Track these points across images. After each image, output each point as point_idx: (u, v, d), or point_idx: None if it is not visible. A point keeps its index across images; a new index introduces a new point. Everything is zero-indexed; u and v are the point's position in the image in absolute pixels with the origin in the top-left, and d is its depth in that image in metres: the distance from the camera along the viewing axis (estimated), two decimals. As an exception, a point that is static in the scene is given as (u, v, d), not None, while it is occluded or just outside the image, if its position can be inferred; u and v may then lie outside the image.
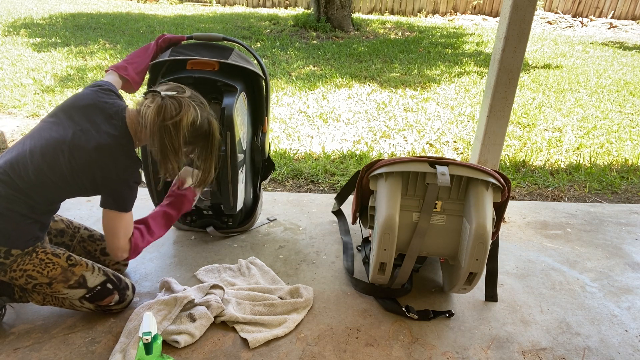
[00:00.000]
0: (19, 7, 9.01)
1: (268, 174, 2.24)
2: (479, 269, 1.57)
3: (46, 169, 1.39)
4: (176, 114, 1.42)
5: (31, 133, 1.45)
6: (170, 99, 1.44)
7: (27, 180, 1.38)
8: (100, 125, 1.43)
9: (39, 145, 1.41)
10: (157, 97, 1.44)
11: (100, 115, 1.45)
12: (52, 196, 1.44)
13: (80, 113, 1.44)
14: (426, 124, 3.95)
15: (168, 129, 1.42)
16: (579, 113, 4.43)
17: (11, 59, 5.29)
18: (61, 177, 1.40)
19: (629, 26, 10.39)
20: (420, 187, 1.64)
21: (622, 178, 3.14)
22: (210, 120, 1.55)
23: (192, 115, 1.46)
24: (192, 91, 1.53)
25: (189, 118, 1.45)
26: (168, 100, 1.43)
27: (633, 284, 1.99)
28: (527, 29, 2.00)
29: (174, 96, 1.45)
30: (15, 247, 1.41)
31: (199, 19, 8.47)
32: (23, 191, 1.39)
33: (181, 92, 1.48)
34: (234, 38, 2.02)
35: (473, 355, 1.57)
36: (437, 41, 7.54)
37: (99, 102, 1.48)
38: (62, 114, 1.45)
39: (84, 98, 1.48)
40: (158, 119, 1.41)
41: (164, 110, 1.42)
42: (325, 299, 1.80)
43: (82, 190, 1.46)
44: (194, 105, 1.48)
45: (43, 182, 1.39)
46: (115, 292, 1.60)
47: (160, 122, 1.42)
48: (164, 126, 1.42)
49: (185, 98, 1.47)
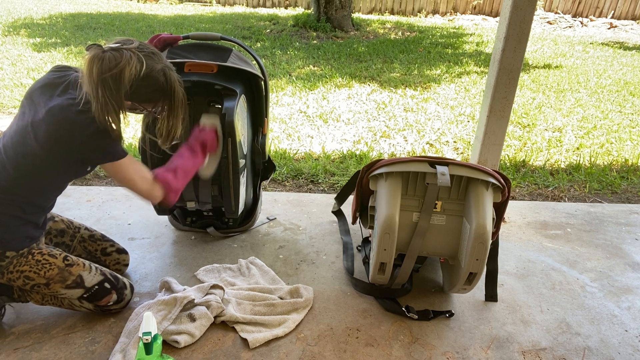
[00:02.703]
0: (19, 7, 9.00)
1: (269, 175, 2.24)
2: (479, 269, 1.57)
3: (20, 159, 1.37)
4: (115, 65, 1.31)
5: (3, 133, 1.44)
6: (112, 50, 1.33)
7: (8, 177, 1.37)
8: (55, 97, 1.38)
9: (9, 140, 1.40)
10: (97, 49, 1.33)
11: (55, 90, 1.40)
12: (40, 185, 1.42)
13: (38, 93, 1.41)
14: (426, 124, 3.95)
15: (107, 83, 1.31)
16: (579, 113, 4.43)
17: (11, 59, 5.29)
18: (34, 157, 1.36)
19: (629, 26, 10.39)
20: (420, 187, 1.64)
21: (622, 178, 3.14)
22: (166, 72, 1.43)
23: (136, 66, 1.34)
24: (141, 42, 1.43)
25: (131, 69, 1.33)
26: (108, 52, 1.32)
27: (633, 284, 1.99)
28: (527, 29, 2.00)
29: (116, 48, 1.34)
30: (9, 249, 1.41)
31: (199, 19, 8.47)
32: (7, 190, 1.38)
33: (127, 43, 1.37)
34: (232, 38, 2.00)
35: (473, 355, 1.57)
36: (437, 41, 7.54)
37: (53, 79, 1.43)
38: (25, 103, 1.43)
39: (40, 80, 1.44)
40: (94, 71, 1.30)
41: (101, 62, 1.30)
42: (325, 299, 1.80)
43: (63, 166, 1.41)
44: (140, 56, 1.35)
45: (23, 173, 1.38)
46: (113, 292, 1.60)
47: (97, 75, 1.30)
48: (102, 79, 1.31)
49: (129, 49, 1.35)
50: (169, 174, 1.53)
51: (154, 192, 1.49)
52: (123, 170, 1.42)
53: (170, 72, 1.45)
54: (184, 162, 1.60)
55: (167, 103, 1.49)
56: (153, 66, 1.39)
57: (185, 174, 1.58)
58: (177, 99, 1.49)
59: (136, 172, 1.45)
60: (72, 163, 1.42)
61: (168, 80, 1.44)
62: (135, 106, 1.46)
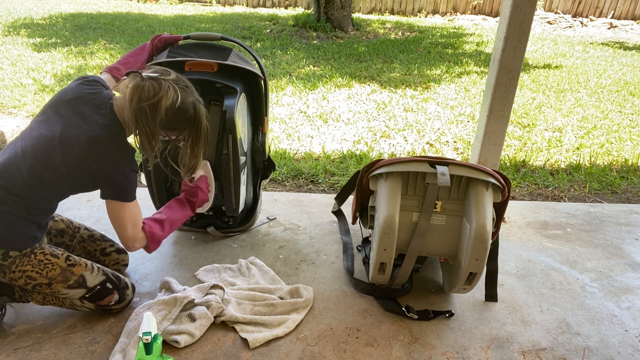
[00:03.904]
0: (19, 7, 9.00)
1: (268, 174, 2.24)
2: (479, 269, 1.57)
3: (39, 167, 1.38)
4: (153, 95, 1.38)
5: (22, 134, 1.45)
6: (151, 80, 1.40)
7: (22, 181, 1.38)
8: (88, 117, 1.40)
9: (30, 145, 1.40)
10: (137, 77, 1.40)
11: (87, 107, 1.42)
12: (49, 194, 1.44)
13: (67, 107, 1.42)
14: (426, 124, 3.95)
15: (144, 111, 1.38)
16: (579, 113, 4.43)
17: (11, 59, 5.29)
18: (56, 173, 1.39)
19: (629, 26, 10.39)
20: (420, 187, 1.64)
21: (622, 178, 3.14)
22: (196, 105, 1.51)
23: (172, 97, 1.41)
24: (178, 74, 1.49)
25: (167, 100, 1.40)
26: (147, 82, 1.39)
27: (633, 284, 1.99)
28: (527, 29, 2.00)
29: (155, 77, 1.41)
30: (12, 249, 1.41)
31: (199, 19, 8.47)
32: (18, 193, 1.38)
33: (165, 74, 1.44)
34: (232, 37, 2.01)
35: (473, 355, 1.57)
36: (437, 41, 7.54)
37: (84, 94, 1.45)
38: (50, 111, 1.44)
39: (68, 92, 1.46)
40: (134, 99, 1.37)
41: (141, 91, 1.37)
42: (325, 299, 1.80)
43: (79, 185, 1.45)
44: (176, 88, 1.43)
45: (38, 181, 1.39)
46: (114, 292, 1.60)
47: (136, 102, 1.37)
48: (140, 107, 1.37)
49: (167, 80, 1.42)
50: (156, 225, 1.56)
51: (136, 241, 1.50)
52: (122, 212, 1.45)
53: (200, 105, 1.53)
54: (172, 215, 1.63)
55: (193, 134, 1.55)
56: (185, 98, 1.47)
57: (171, 227, 1.61)
58: (202, 131, 1.56)
59: (131, 218, 1.47)
60: (87, 185, 1.47)
61: (197, 112, 1.52)
62: (161, 133, 1.50)
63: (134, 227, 1.48)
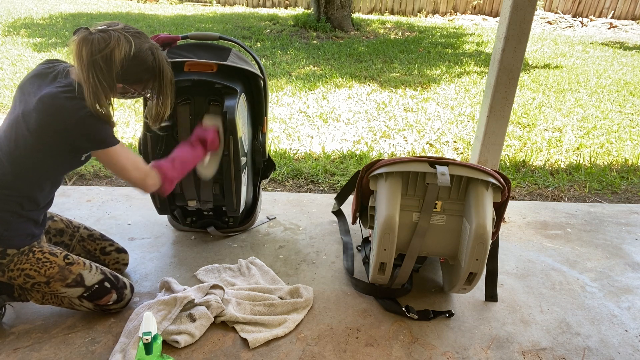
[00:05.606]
0: (19, 7, 9.00)
1: (268, 174, 2.24)
2: (479, 269, 1.57)
3: (14, 150, 1.38)
4: (105, 47, 1.31)
5: None
6: (99, 32, 1.33)
7: (5, 171, 1.38)
8: (46, 86, 1.38)
9: (2, 133, 1.41)
10: (85, 31, 1.34)
11: (44, 79, 1.40)
12: (36, 179, 1.42)
13: (28, 85, 1.42)
14: (426, 124, 3.95)
15: (98, 64, 1.32)
16: (579, 113, 4.43)
17: (11, 59, 5.29)
18: (27, 148, 1.37)
19: (629, 26, 10.39)
20: (420, 187, 1.63)
21: (622, 178, 3.14)
22: (154, 51, 1.43)
23: (125, 47, 1.34)
24: (126, 24, 1.43)
25: (120, 49, 1.33)
26: (96, 34, 1.32)
27: (633, 284, 1.99)
28: (527, 29, 2.00)
29: (103, 29, 1.34)
30: (10, 247, 1.41)
31: (199, 19, 8.47)
32: (5, 185, 1.39)
33: (113, 25, 1.38)
34: (231, 37, 2.01)
35: (473, 355, 1.57)
36: (437, 41, 7.54)
37: (42, 70, 1.44)
38: (17, 96, 1.44)
39: (29, 73, 1.46)
40: (84, 53, 1.30)
41: (90, 44, 1.30)
42: (325, 299, 1.80)
43: (56, 153, 1.41)
44: (127, 36, 1.36)
45: (19, 166, 1.39)
46: (113, 291, 1.60)
47: (88, 57, 1.31)
48: (93, 61, 1.31)
49: (116, 30, 1.36)
50: (166, 162, 1.56)
51: (147, 180, 1.49)
52: (115, 158, 1.43)
53: (158, 51, 1.46)
54: (182, 154, 1.62)
55: (156, 83, 1.49)
56: (141, 45, 1.40)
57: (182, 165, 1.60)
58: (166, 78, 1.49)
59: (128, 160, 1.45)
60: (65, 151, 1.42)
61: (156, 59, 1.45)
62: (126, 89, 1.46)
63: (136, 168, 1.46)
